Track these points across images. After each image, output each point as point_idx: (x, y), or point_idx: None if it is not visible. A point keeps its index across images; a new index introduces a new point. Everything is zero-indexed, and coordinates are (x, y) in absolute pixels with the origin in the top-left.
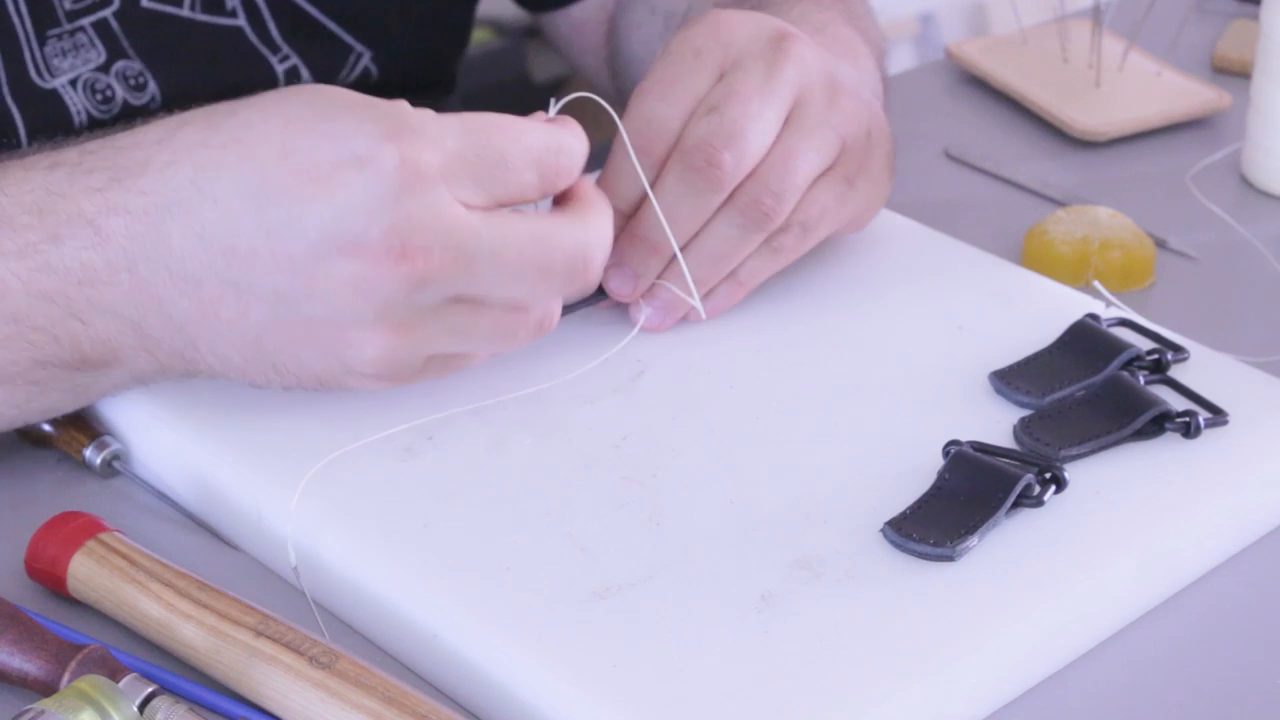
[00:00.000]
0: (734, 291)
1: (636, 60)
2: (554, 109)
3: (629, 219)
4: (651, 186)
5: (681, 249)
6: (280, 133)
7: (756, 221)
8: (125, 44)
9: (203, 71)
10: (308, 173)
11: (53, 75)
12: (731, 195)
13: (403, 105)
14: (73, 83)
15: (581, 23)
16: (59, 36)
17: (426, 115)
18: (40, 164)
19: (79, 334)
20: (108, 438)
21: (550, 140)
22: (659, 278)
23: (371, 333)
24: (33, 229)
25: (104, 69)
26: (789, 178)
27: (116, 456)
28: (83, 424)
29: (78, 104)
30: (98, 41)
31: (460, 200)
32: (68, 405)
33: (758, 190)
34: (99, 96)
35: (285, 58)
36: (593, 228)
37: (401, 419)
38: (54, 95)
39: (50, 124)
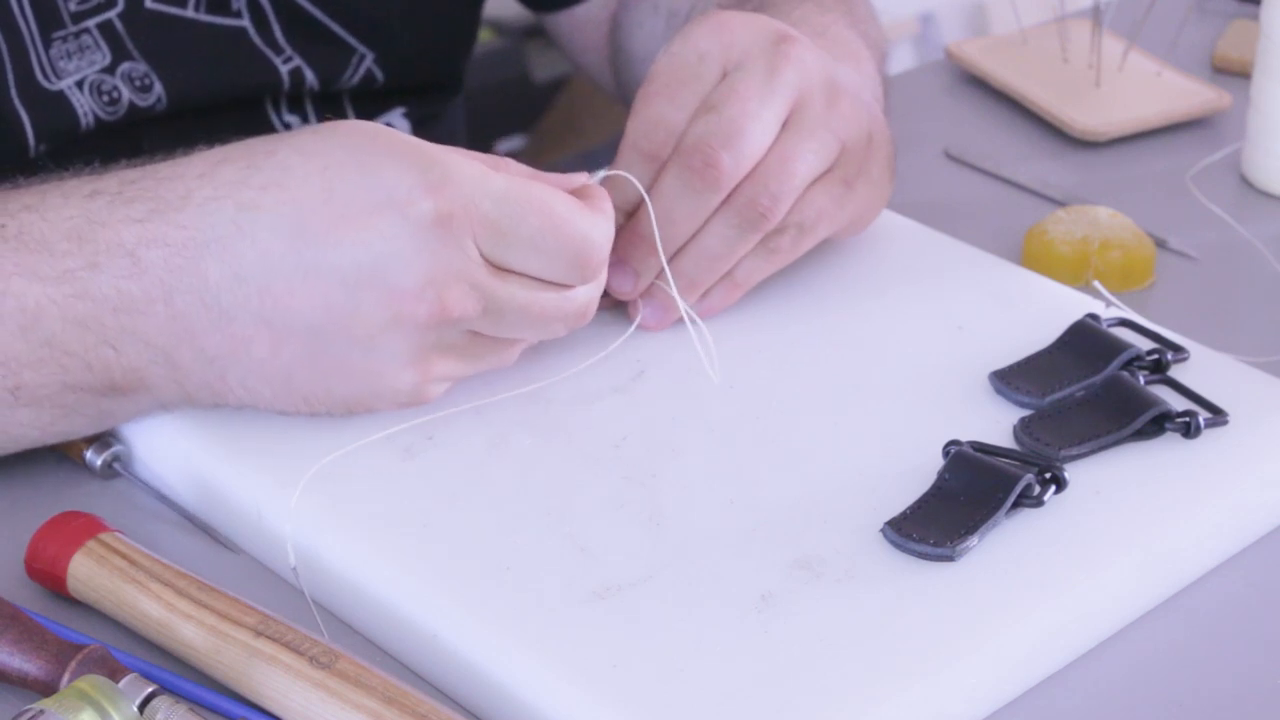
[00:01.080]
0: (730, 292)
1: (638, 59)
2: (595, 177)
3: (630, 217)
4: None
5: (679, 249)
6: (319, 176)
7: (753, 222)
8: (130, 45)
9: (207, 72)
10: (345, 217)
11: (59, 77)
12: (729, 196)
13: (448, 155)
14: (79, 84)
15: (584, 22)
16: (64, 38)
17: (471, 170)
18: (80, 191)
19: (111, 361)
20: (109, 438)
21: (587, 233)
22: (659, 278)
23: (403, 368)
24: (71, 255)
25: (109, 70)
26: (786, 179)
27: (117, 458)
28: None
29: (84, 105)
30: (103, 43)
31: (489, 257)
32: (90, 429)
33: (755, 191)
34: (105, 98)
35: (289, 59)
36: (596, 226)
37: (402, 419)
38: (60, 97)
39: (57, 126)
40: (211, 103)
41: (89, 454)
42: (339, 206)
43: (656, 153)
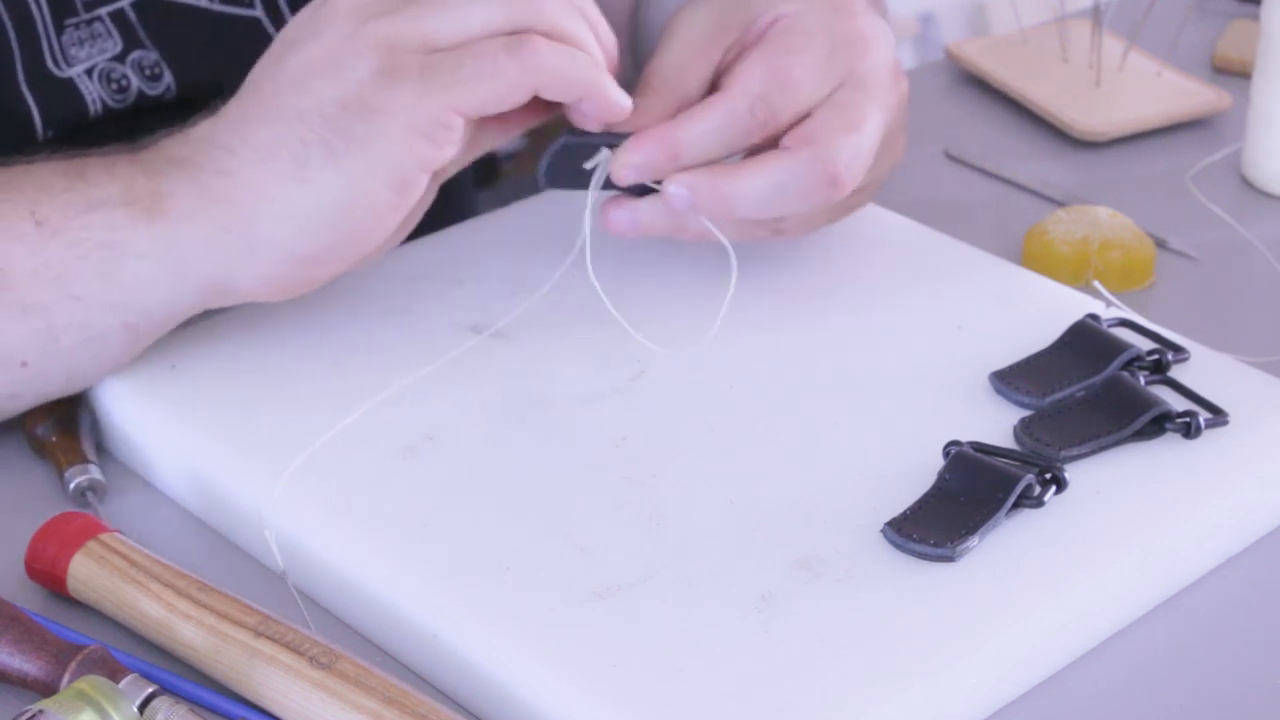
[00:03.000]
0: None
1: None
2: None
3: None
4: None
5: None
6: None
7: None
8: (142, 34)
9: (219, 62)
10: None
11: (69, 64)
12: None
13: None
14: (89, 72)
15: (605, 5)
16: (76, 26)
17: None
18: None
19: (135, 176)
20: (91, 466)
21: None
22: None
23: (384, 84)
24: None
25: (120, 59)
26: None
27: (92, 488)
28: (71, 444)
29: (93, 93)
30: (114, 31)
31: None
32: (100, 298)
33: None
34: (114, 86)
35: None
36: None
37: (402, 420)
38: (70, 84)
39: (65, 113)
40: (220, 92)
41: (67, 474)
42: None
43: (777, 121)
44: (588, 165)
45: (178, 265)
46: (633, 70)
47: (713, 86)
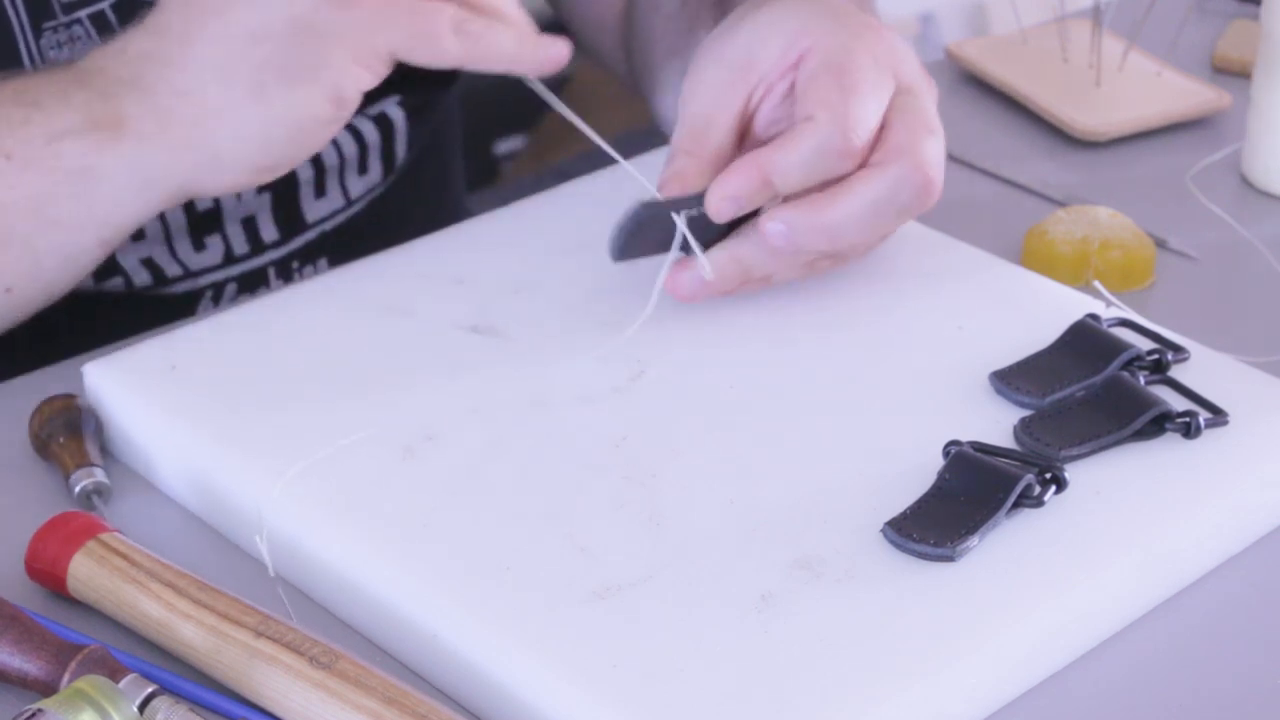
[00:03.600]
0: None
1: (652, 40)
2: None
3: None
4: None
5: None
6: None
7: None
8: None
9: None
10: None
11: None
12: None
13: None
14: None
15: (597, 4)
16: (54, 29)
17: None
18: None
19: (90, 101)
20: (96, 469)
21: None
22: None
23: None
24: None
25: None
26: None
27: (97, 491)
28: (77, 447)
29: None
30: (94, 33)
31: None
32: (78, 214)
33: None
34: None
35: None
36: None
37: (402, 420)
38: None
39: None
40: None
41: (72, 477)
42: None
43: (856, 153)
44: (680, 220)
45: (147, 182)
46: (625, 69)
47: (744, 134)
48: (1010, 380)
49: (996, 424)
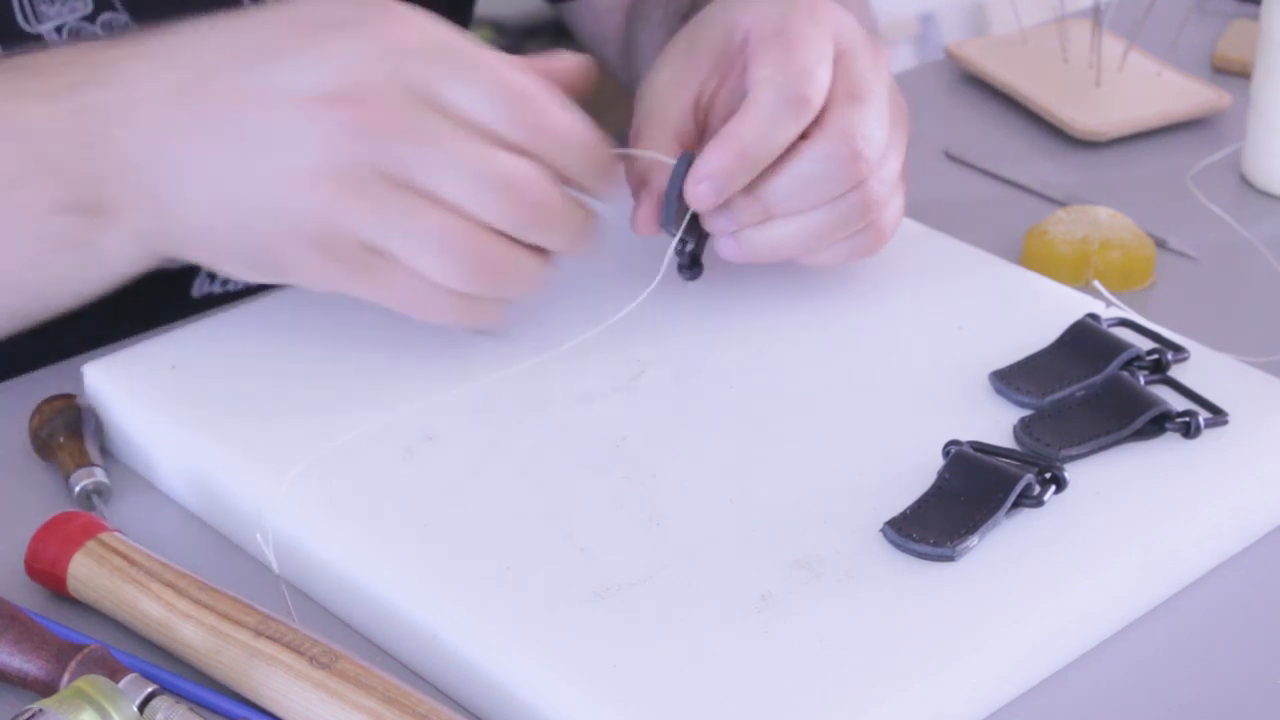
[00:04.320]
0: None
1: (642, 53)
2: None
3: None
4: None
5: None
6: (291, 10)
7: (867, 210)
8: None
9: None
10: (295, 28)
11: (39, 21)
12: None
13: (413, 10)
14: (58, 30)
15: (601, 11)
16: (51, 2)
17: (420, 15)
18: (66, 45)
19: (87, 174)
20: (97, 469)
21: (526, 82)
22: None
23: (314, 177)
24: (60, 77)
25: (90, 19)
26: (895, 176)
27: (97, 491)
28: (78, 447)
29: None
30: (90, 7)
31: (435, 93)
32: (80, 274)
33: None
34: None
35: None
36: (539, 85)
37: (402, 420)
38: (39, 41)
39: None
40: None
41: (72, 477)
42: (294, 20)
43: (811, 102)
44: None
45: (133, 260)
46: (626, 79)
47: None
48: (1010, 380)
49: (996, 424)
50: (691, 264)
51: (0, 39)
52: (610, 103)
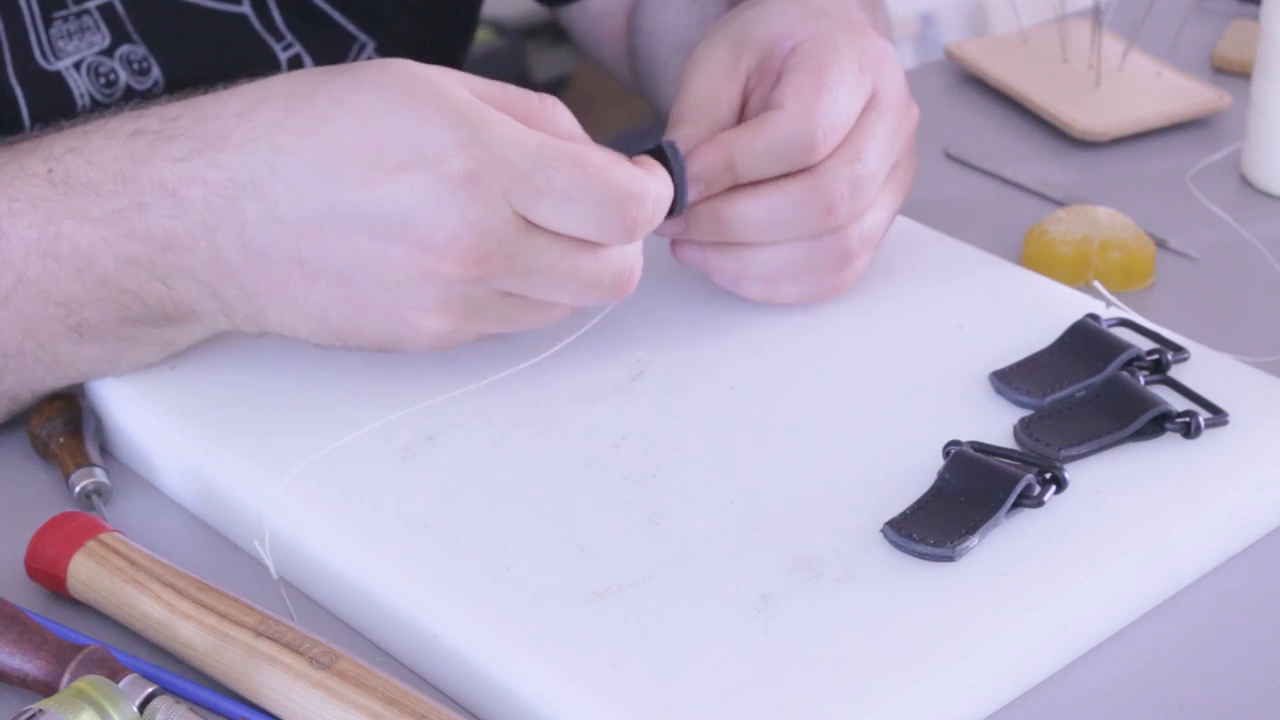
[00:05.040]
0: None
1: (659, 35)
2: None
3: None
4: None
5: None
6: (354, 127)
7: (841, 259)
8: (130, 28)
9: (206, 57)
10: (376, 169)
11: (57, 58)
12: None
13: (483, 113)
14: (76, 65)
15: (600, 14)
16: (65, 19)
17: (505, 128)
18: (122, 130)
19: (163, 295)
20: (96, 469)
21: (625, 184)
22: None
23: (429, 318)
24: (117, 196)
25: (108, 53)
26: (879, 230)
27: (97, 491)
28: (78, 447)
29: (81, 87)
30: (102, 25)
31: (522, 213)
32: (155, 357)
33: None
34: (102, 80)
35: (289, 45)
36: (637, 180)
37: (401, 420)
38: (58, 77)
39: (53, 106)
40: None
41: (72, 477)
42: (371, 158)
43: (817, 152)
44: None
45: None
46: (630, 77)
47: (741, 116)
48: (1010, 380)
49: (996, 424)
50: None
51: (19, 77)
52: (610, 102)
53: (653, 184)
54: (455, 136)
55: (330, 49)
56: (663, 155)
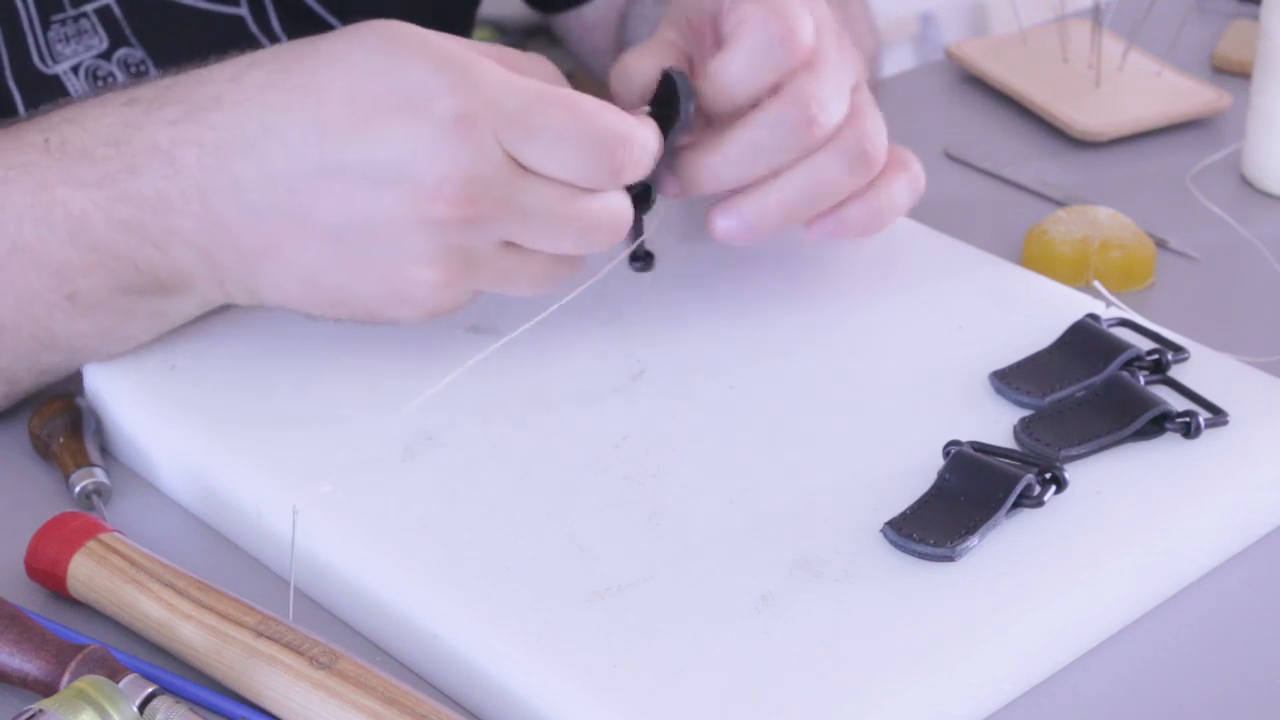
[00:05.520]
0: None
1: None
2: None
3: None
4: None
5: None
6: (344, 79)
7: (853, 172)
8: (127, 31)
9: (204, 60)
10: (368, 117)
11: (55, 61)
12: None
13: (471, 55)
14: (75, 69)
15: (593, 23)
16: (63, 22)
17: (494, 71)
18: (116, 100)
19: (156, 261)
20: (96, 469)
21: (615, 128)
22: (740, 201)
23: (427, 269)
24: (111, 160)
25: (106, 56)
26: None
27: (97, 491)
28: (78, 447)
29: (79, 90)
30: (100, 28)
31: (513, 155)
32: (149, 333)
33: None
34: (100, 83)
35: None
36: (627, 124)
37: (401, 420)
38: (56, 81)
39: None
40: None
41: (72, 477)
42: (362, 107)
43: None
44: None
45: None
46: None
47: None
48: (1010, 380)
49: (996, 424)
50: (644, 256)
51: (17, 80)
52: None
53: (640, 129)
54: (445, 79)
55: None
56: (670, 85)
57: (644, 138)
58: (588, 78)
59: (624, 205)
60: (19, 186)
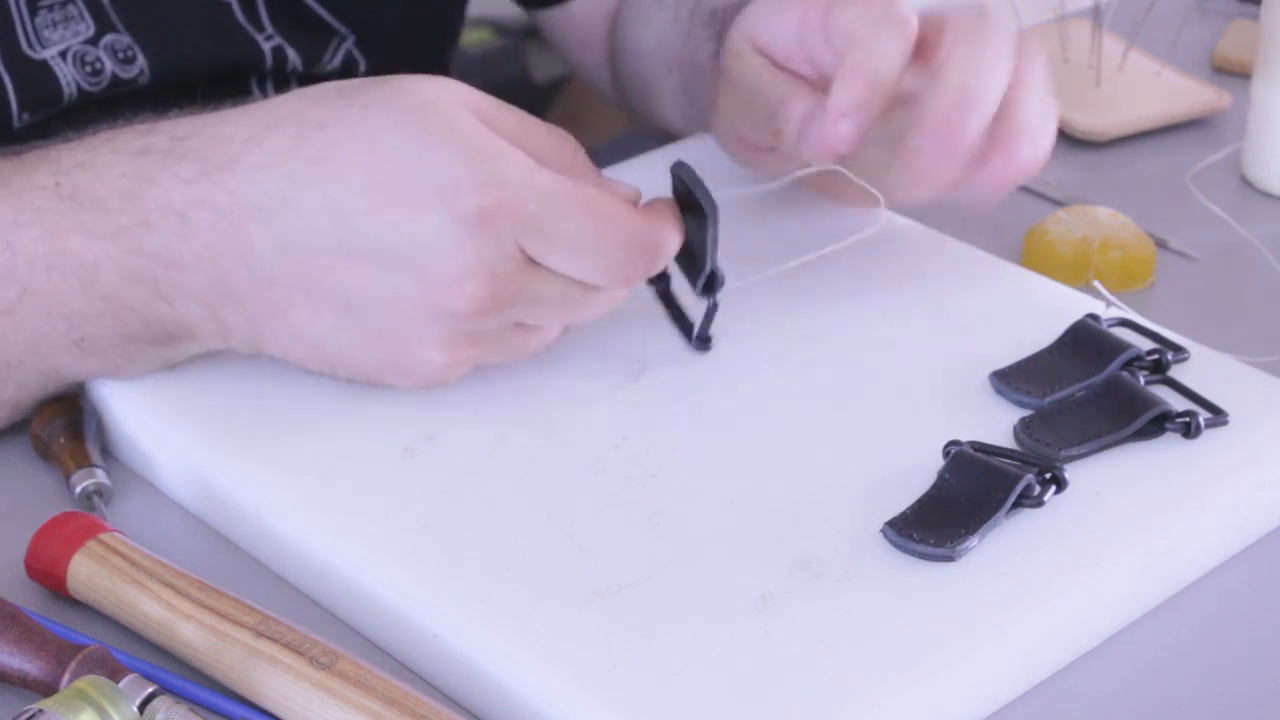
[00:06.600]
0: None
1: (646, 55)
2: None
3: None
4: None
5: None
6: (367, 158)
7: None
8: (114, 18)
9: (190, 47)
10: (390, 203)
11: (43, 46)
12: None
13: (498, 150)
14: (62, 54)
15: (581, 20)
16: (50, 8)
17: (519, 168)
18: (131, 147)
19: (164, 314)
20: (97, 470)
21: (633, 235)
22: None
23: (437, 351)
24: (124, 213)
25: (93, 42)
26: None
27: (98, 492)
28: (79, 448)
29: (67, 75)
30: (87, 14)
31: (529, 254)
32: (153, 369)
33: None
34: (88, 69)
35: (270, 37)
36: (647, 231)
37: (401, 420)
38: (44, 66)
39: (40, 94)
40: (194, 77)
41: (73, 478)
42: (385, 192)
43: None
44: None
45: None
46: (611, 89)
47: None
48: (1010, 380)
49: (996, 424)
50: (707, 338)
51: (6, 65)
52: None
53: (661, 234)
54: (470, 174)
55: (311, 42)
56: (681, 178)
57: (661, 242)
58: (580, 82)
59: (629, 291)
60: (31, 233)
